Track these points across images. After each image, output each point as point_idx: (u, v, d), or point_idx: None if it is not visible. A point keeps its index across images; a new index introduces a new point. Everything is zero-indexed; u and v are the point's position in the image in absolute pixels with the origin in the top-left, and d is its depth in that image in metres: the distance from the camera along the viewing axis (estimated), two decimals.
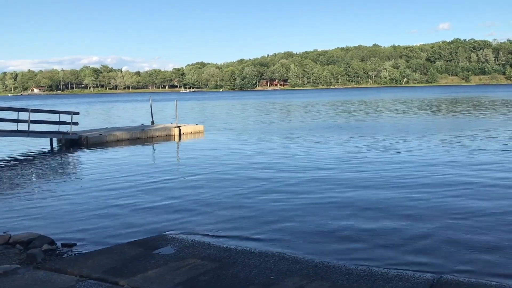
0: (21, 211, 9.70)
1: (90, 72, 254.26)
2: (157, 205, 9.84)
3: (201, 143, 21.59)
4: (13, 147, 21.14)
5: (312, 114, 41.28)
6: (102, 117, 45.34)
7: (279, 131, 25.55)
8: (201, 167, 14.37)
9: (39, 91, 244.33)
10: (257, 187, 11.15)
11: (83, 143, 21.58)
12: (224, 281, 5.12)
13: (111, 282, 5.09)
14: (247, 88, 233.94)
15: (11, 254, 6.77)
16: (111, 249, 6.46)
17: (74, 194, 11.17)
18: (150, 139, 23.54)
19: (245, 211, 9.11)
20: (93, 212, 9.43)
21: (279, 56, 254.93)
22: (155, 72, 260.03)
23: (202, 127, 26.85)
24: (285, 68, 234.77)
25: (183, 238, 6.99)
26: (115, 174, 13.75)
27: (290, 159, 15.51)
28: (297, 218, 8.44)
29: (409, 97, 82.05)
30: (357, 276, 5.29)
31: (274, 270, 5.46)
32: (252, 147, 18.98)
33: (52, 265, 5.84)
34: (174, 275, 5.29)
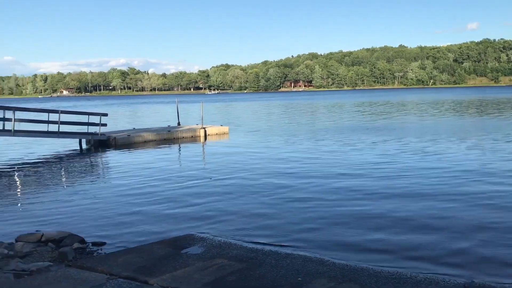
0: (52, 210, 9.94)
1: (118, 74, 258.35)
2: (184, 205, 9.94)
3: (226, 145, 21.69)
4: (44, 147, 21.67)
5: (337, 116, 40.94)
6: (129, 119, 46.03)
7: (304, 133, 25.44)
8: (227, 169, 14.44)
9: (68, 93, 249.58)
10: (283, 191, 11.10)
11: (112, 144, 21.95)
12: (252, 281, 5.14)
13: (140, 281, 5.17)
14: (271, 89, 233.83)
15: (44, 252, 6.95)
16: (140, 248, 6.56)
17: (103, 194, 11.37)
18: (177, 140, 23.79)
19: (271, 213, 9.10)
20: (122, 211, 9.59)
21: (304, 57, 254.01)
22: (181, 74, 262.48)
23: (227, 129, 26.98)
24: (309, 69, 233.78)
25: (210, 238, 7.04)
26: (143, 174, 13.95)
27: (316, 162, 15.22)
28: (324, 225, 8.20)
29: (436, 98, 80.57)
30: (386, 279, 5.24)
31: (302, 272, 5.45)
32: (277, 149, 18.96)
33: (83, 263, 5.96)
34: (202, 274, 5.34)
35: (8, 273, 5.68)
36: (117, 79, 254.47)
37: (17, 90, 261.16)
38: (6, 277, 5.49)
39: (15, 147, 21.97)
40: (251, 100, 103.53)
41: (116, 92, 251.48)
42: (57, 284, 5.02)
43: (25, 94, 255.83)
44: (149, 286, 5.01)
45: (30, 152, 20.42)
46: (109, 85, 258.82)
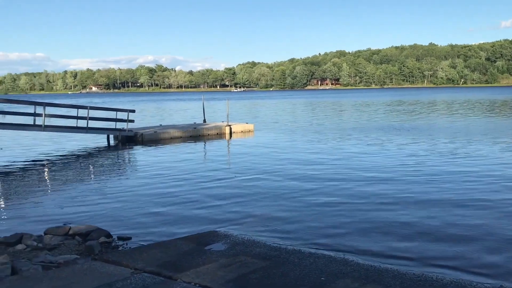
0: (80, 203, 10.14)
1: (145, 71, 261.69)
2: (208, 202, 10.00)
3: (251, 142, 21.70)
4: (72, 143, 22.13)
5: (365, 114, 40.44)
6: (156, 115, 46.56)
7: (330, 132, 25.23)
8: (251, 167, 14.45)
9: (97, 89, 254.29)
10: (308, 193, 11.02)
11: (139, 140, 22.26)
12: (274, 280, 5.12)
13: (164, 276, 5.22)
14: (298, 87, 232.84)
15: (71, 245, 7.09)
16: (165, 244, 6.62)
17: (129, 189, 11.54)
18: (202, 137, 23.94)
19: (295, 215, 9.06)
20: (147, 207, 9.71)
21: (331, 55, 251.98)
22: (207, 71, 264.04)
23: (252, 126, 27.00)
24: (337, 67, 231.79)
25: (234, 235, 7.06)
26: (169, 170, 14.09)
27: (342, 163, 14.91)
28: (349, 229, 8.01)
29: (468, 97, 78.74)
30: (411, 281, 5.14)
31: (325, 272, 5.41)
32: (303, 149, 18.87)
33: (108, 257, 6.05)
34: (225, 271, 5.35)
35: (36, 264, 5.81)
36: (145, 76, 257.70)
37: (48, 86, 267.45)
38: (35, 269, 5.62)
39: (45, 142, 22.49)
40: (277, 98, 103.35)
41: (144, 89, 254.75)
42: (83, 277, 5.11)
43: (55, 90, 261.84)
44: (173, 281, 5.05)
45: (59, 147, 20.89)
46: (137, 82, 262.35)
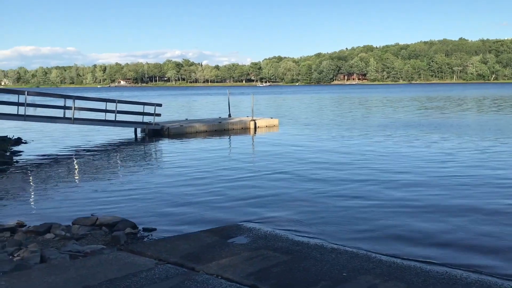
0: (107, 195, 10.36)
1: (172, 66, 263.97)
2: (231, 195, 10.07)
3: (275, 137, 21.71)
4: (101, 135, 22.56)
5: (393, 110, 39.87)
6: (182, 109, 47.01)
7: (357, 128, 24.98)
8: (275, 162, 14.47)
9: (125, 83, 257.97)
10: (333, 187, 11.00)
11: (165, 134, 22.53)
12: (296, 274, 5.15)
13: (187, 267, 5.30)
14: (324, 82, 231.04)
15: (98, 235, 7.27)
16: (188, 236, 6.72)
17: (155, 182, 11.72)
18: (227, 131, 24.06)
19: (318, 208, 9.06)
20: (172, 199, 9.85)
21: (358, 49, 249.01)
22: (233, 66, 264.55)
23: (277, 121, 26.98)
24: (364, 62, 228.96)
25: (256, 229, 7.11)
26: (193, 164, 14.24)
27: (369, 158, 14.80)
28: (375, 225, 7.97)
29: (500, 94, 76.73)
30: (434, 279, 5.09)
31: (347, 267, 5.40)
32: (328, 144, 18.77)
33: (133, 247, 6.18)
34: (247, 264, 5.40)
35: (64, 253, 5.99)
36: (172, 70, 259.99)
37: (78, 79, 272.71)
38: (63, 257, 5.79)
39: (74, 135, 22.99)
40: (302, 93, 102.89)
41: (171, 83, 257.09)
42: (109, 267, 5.24)
43: (85, 83, 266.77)
44: (195, 273, 5.13)
45: (88, 139, 21.33)
46: (164, 76, 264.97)
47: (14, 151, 17.43)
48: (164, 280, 4.85)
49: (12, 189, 11.04)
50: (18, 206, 9.50)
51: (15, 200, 10.06)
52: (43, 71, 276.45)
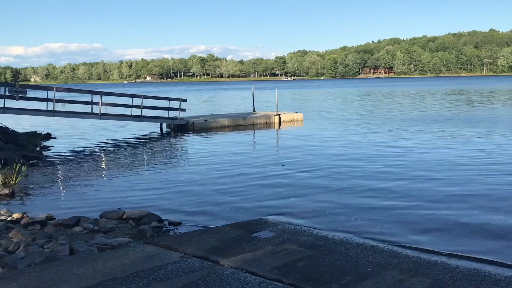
0: (133, 189, 10.52)
1: (197, 61, 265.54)
2: (256, 190, 10.10)
3: (300, 132, 21.64)
4: (127, 130, 22.90)
5: (421, 104, 39.11)
6: (207, 104, 47.28)
7: (384, 122, 24.59)
8: (299, 156, 14.43)
9: (151, 79, 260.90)
10: (357, 181, 10.91)
11: (190, 128, 22.72)
12: (320, 268, 5.13)
13: (212, 261, 5.35)
14: (349, 76, 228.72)
15: (125, 228, 7.40)
16: (213, 230, 6.77)
17: (180, 176, 11.84)
18: (251, 126, 24.10)
19: (343, 203, 9.01)
20: (197, 193, 9.94)
21: (385, 42, 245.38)
22: (258, 60, 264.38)
23: (301, 116, 26.88)
24: (390, 55, 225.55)
25: (281, 224, 7.11)
26: (218, 159, 14.32)
27: (398, 154, 14.40)
28: (399, 217, 7.98)
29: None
30: (461, 275, 5.00)
31: (372, 262, 5.35)
32: (353, 138, 18.61)
33: (159, 241, 6.26)
34: (271, 258, 5.41)
35: (92, 246, 6.12)
36: (197, 65, 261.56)
37: (105, 75, 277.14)
38: (91, 250, 5.92)
39: (101, 130, 23.40)
40: (328, 87, 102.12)
41: (196, 78, 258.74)
42: (135, 259, 5.33)
43: (111, 79, 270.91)
44: (220, 266, 5.17)
45: (114, 134, 21.68)
46: (189, 72, 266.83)
47: (43, 146, 17.87)
48: (190, 273, 4.90)
49: (42, 183, 11.33)
50: (48, 200, 9.74)
51: (45, 194, 10.33)
52: (71, 67, 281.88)
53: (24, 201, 9.75)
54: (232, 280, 4.73)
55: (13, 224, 7.42)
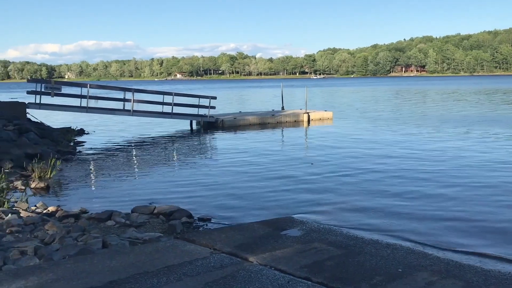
0: (163, 185, 10.68)
1: (227, 59, 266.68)
2: (284, 188, 10.09)
3: (329, 130, 21.48)
4: (158, 127, 23.22)
5: (455, 104, 38.10)
6: (236, 102, 47.47)
7: (415, 122, 24.13)
8: (328, 155, 14.33)
9: (181, 76, 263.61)
10: (387, 181, 10.78)
11: (219, 126, 22.87)
12: (350, 268, 5.10)
13: (241, 257, 5.38)
14: (380, 74, 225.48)
15: (155, 223, 7.52)
16: (242, 226, 6.82)
17: (210, 173, 11.95)
18: (280, 124, 24.07)
19: (373, 203, 8.91)
20: (226, 190, 10.01)
21: (417, 40, 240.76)
22: (287, 58, 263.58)
23: (331, 114, 26.67)
24: (422, 54, 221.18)
25: (310, 222, 7.09)
26: (247, 156, 14.38)
27: (432, 156, 13.89)
28: (433, 220, 7.84)
29: None
30: (495, 278, 4.89)
31: (402, 263, 5.29)
32: (385, 137, 18.36)
33: (189, 236, 6.35)
34: (300, 257, 5.41)
35: (124, 240, 6.25)
36: (226, 63, 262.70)
37: (136, 73, 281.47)
38: (123, 244, 6.05)
39: (133, 126, 23.80)
40: (358, 85, 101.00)
41: (225, 76, 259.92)
42: (166, 254, 5.42)
43: (143, 77, 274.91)
44: (249, 263, 5.21)
45: (145, 131, 22.02)
46: (218, 69, 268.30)
47: (77, 142, 18.31)
48: (219, 269, 4.95)
49: (76, 178, 11.62)
50: (81, 194, 9.99)
51: (78, 188, 10.59)
52: (103, 64, 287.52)
53: (58, 194, 10.03)
54: (261, 276, 4.75)
55: (48, 217, 7.64)
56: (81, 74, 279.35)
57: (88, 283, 4.54)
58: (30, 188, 10.27)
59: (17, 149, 13.14)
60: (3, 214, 7.36)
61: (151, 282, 4.56)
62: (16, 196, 9.36)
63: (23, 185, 10.31)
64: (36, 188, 10.23)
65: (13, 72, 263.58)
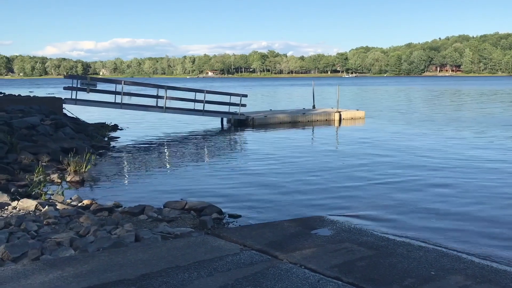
0: (194, 181, 10.79)
1: (258, 57, 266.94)
2: (314, 187, 10.04)
3: (361, 130, 21.24)
4: (189, 124, 23.47)
5: (496, 105, 36.91)
6: (266, 100, 47.47)
7: (451, 124, 23.53)
8: (360, 155, 14.17)
9: (212, 74, 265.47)
10: (422, 182, 10.59)
11: (250, 124, 22.93)
12: (381, 269, 5.04)
13: (271, 255, 5.40)
14: (414, 73, 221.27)
15: (187, 218, 7.61)
16: (273, 224, 6.82)
17: (239, 170, 12.00)
18: (310, 123, 23.94)
19: (405, 203, 8.77)
20: (255, 188, 10.03)
21: (453, 39, 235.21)
22: (319, 57, 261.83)
23: (363, 113, 26.34)
24: (458, 53, 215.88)
25: (340, 222, 7.04)
26: (277, 154, 14.37)
27: (470, 161, 13.09)
28: (464, 223, 7.71)
29: None
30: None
31: (435, 266, 5.19)
32: (418, 138, 18.02)
33: (220, 232, 6.40)
34: (330, 256, 5.38)
35: (156, 234, 6.35)
36: (257, 61, 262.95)
37: (169, 70, 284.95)
38: (155, 238, 6.15)
39: (164, 123, 24.12)
40: (391, 84, 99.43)
41: (256, 74, 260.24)
42: (197, 249, 5.48)
43: (175, 74, 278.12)
44: (279, 261, 5.21)
45: (177, 127, 22.29)
46: (249, 67, 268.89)
47: (111, 137, 18.70)
48: (249, 266, 4.98)
49: (109, 172, 11.87)
50: (114, 188, 10.20)
51: (111, 182, 10.82)
52: (137, 62, 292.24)
53: (92, 188, 10.27)
54: (291, 275, 4.75)
55: (83, 210, 7.84)
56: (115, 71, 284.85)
57: (122, 275, 4.64)
58: (66, 181, 10.56)
59: (53, 143, 13.53)
60: (40, 206, 7.59)
61: (182, 276, 4.63)
62: (52, 189, 9.65)
63: (59, 178, 10.61)
64: (71, 182, 10.51)
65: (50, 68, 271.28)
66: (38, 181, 9.89)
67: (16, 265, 5.02)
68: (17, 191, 8.89)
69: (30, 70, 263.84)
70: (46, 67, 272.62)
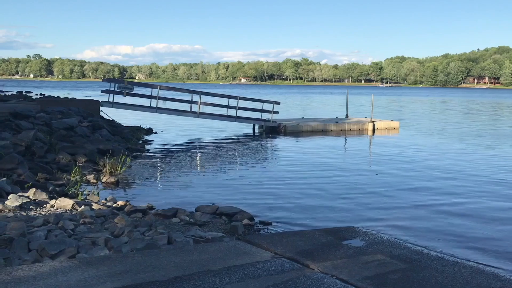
0: (225, 186, 10.87)
1: (291, 65, 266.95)
2: (346, 197, 9.95)
3: (395, 141, 20.92)
4: (221, 130, 23.65)
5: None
6: (299, 108, 47.37)
7: (488, 137, 22.88)
8: (393, 166, 13.96)
9: (245, 81, 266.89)
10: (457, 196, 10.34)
11: (281, 131, 22.93)
12: (414, 283, 4.95)
13: (302, 264, 5.37)
14: (450, 85, 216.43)
15: (218, 223, 7.67)
16: (303, 233, 6.80)
17: (271, 177, 12.01)
18: (343, 132, 23.75)
19: (440, 217, 8.58)
20: (286, 195, 10.01)
21: (492, 51, 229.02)
22: (353, 65, 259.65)
23: (398, 124, 25.95)
24: (497, 65, 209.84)
25: (373, 234, 6.94)
26: (308, 163, 14.32)
27: (502, 173, 13.00)
28: (498, 241, 7.52)
29: None
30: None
31: (471, 283, 5.05)
32: (454, 151, 17.60)
33: (251, 238, 6.42)
34: (362, 268, 5.32)
35: (188, 237, 6.43)
36: (290, 69, 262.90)
37: (202, 76, 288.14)
38: (187, 241, 6.23)
39: (198, 128, 24.37)
40: (427, 95, 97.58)
41: (289, 82, 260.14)
42: (228, 254, 5.52)
43: (208, 80, 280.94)
44: (310, 270, 5.18)
45: (210, 133, 22.50)
46: (282, 75, 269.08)
47: (145, 140, 19.04)
48: (280, 273, 4.97)
49: (143, 175, 12.10)
50: (148, 190, 10.39)
51: (145, 184, 11.02)
52: (172, 67, 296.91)
53: (127, 190, 10.49)
54: (322, 284, 4.72)
55: (117, 211, 8.01)
56: (151, 75, 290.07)
57: (154, 276, 4.71)
58: (101, 182, 10.82)
59: (90, 144, 13.88)
60: (77, 205, 7.80)
61: (213, 280, 4.67)
62: (88, 189, 9.91)
63: (95, 179, 10.88)
64: (106, 183, 10.76)
65: (88, 71, 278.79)
66: (75, 181, 10.17)
67: (54, 262, 5.17)
68: (55, 190, 9.17)
69: (69, 72, 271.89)
70: (84, 70, 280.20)
